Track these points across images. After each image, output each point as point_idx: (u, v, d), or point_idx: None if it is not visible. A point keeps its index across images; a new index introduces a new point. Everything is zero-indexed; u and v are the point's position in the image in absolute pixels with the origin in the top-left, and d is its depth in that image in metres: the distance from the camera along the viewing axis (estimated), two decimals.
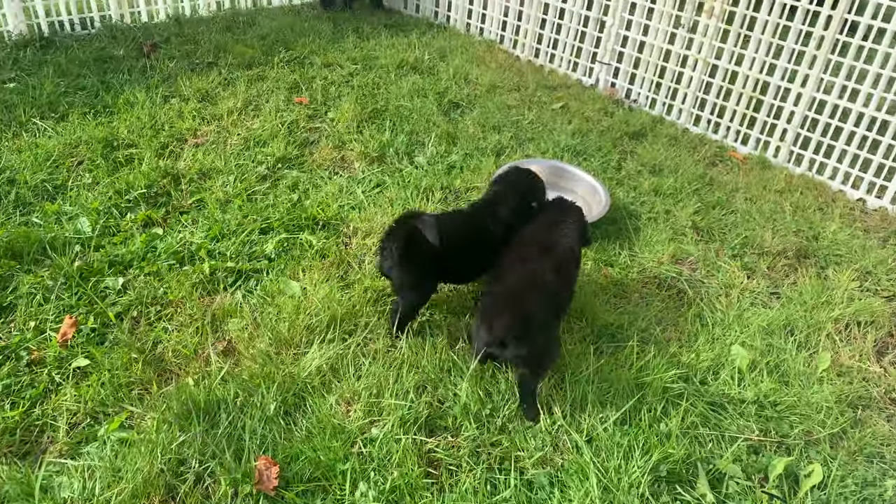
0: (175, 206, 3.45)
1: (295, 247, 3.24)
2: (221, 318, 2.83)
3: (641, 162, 4.24)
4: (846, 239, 3.69)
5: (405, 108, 4.56)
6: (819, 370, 2.85)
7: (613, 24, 5.04)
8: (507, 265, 2.63)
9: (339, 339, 2.71)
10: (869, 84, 3.99)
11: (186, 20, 5.64)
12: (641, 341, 2.84)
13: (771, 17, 4.24)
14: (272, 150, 3.92)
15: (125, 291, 2.91)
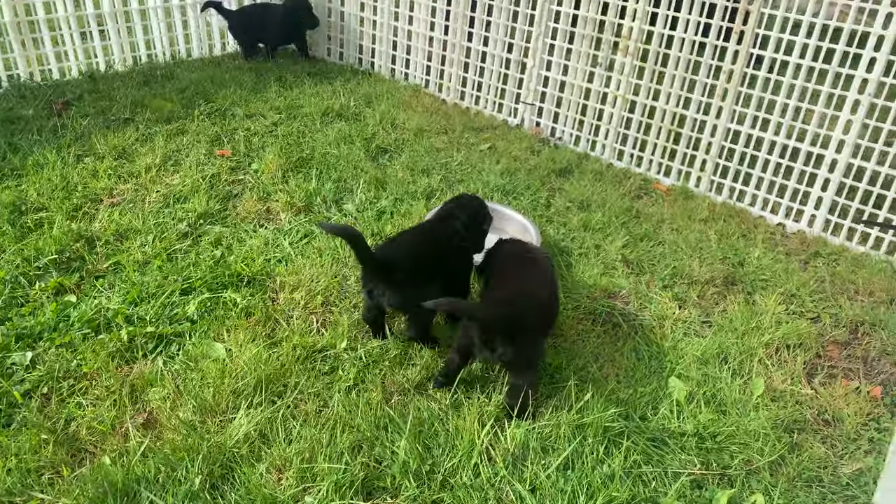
0: (90, 271, 3.27)
1: (218, 306, 3.10)
2: (141, 388, 2.66)
3: (569, 198, 4.29)
4: (770, 263, 3.80)
5: (332, 155, 4.51)
6: (754, 396, 2.88)
7: (534, 65, 5.15)
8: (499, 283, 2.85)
9: (268, 402, 2.59)
10: (778, 113, 4.17)
11: (101, 76, 5.47)
12: (580, 380, 2.82)
13: (682, 53, 4.40)
14: (193, 205, 3.79)
15: (34, 367, 2.72)
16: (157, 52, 6.01)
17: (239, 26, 6.13)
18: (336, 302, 3.19)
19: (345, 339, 2.93)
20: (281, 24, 6.13)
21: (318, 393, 2.67)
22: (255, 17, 6.16)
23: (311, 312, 3.11)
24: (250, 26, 6.15)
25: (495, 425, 2.57)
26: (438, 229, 3.05)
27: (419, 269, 2.79)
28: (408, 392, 2.72)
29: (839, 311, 3.46)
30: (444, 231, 3.03)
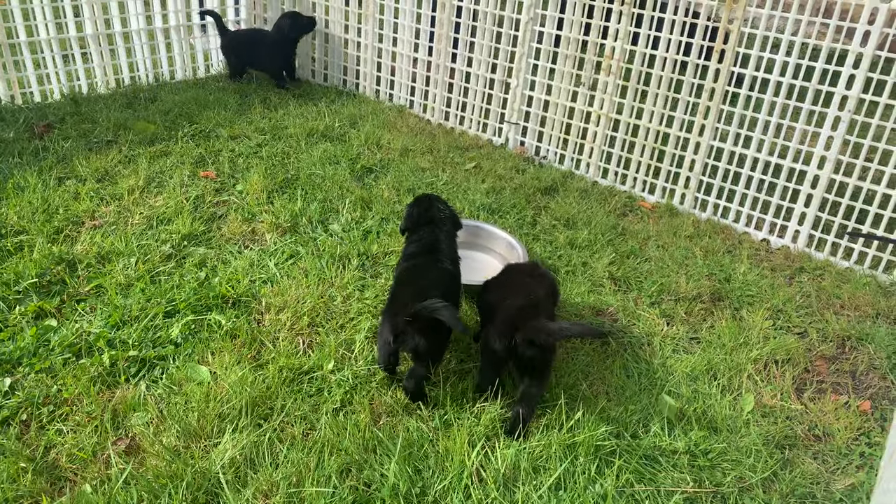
0: (71, 295, 3.21)
1: (203, 329, 3.05)
2: (123, 413, 2.60)
3: (555, 216, 4.30)
4: (756, 279, 3.81)
5: (317, 175, 4.49)
6: (744, 412, 2.87)
7: (518, 85, 5.18)
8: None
9: (254, 425, 2.54)
10: (760, 130, 4.21)
11: (83, 99, 5.43)
12: (570, 398, 2.79)
13: (665, 72, 4.45)
14: (177, 227, 3.75)
15: (13, 393, 2.65)
16: (141, 75, 5.98)
17: (229, 48, 6.11)
18: (322, 323, 3.15)
19: (332, 360, 2.89)
20: (270, 49, 6.09)
21: (305, 415, 2.63)
22: (247, 41, 6.14)
23: (298, 334, 3.07)
24: (241, 50, 6.13)
25: (486, 445, 2.54)
26: (432, 260, 2.97)
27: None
28: (396, 413, 2.68)
29: (826, 326, 3.47)
30: (438, 260, 2.97)
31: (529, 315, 2.64)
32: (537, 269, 3.10)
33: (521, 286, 2.88)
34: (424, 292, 2.66)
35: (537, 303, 2.75)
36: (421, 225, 3.09)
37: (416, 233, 3.08)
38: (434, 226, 3.07)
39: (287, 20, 5.97)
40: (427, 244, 3.00)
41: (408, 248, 3.06)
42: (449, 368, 2.94)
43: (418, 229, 3.09)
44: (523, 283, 2.91)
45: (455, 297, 2.93)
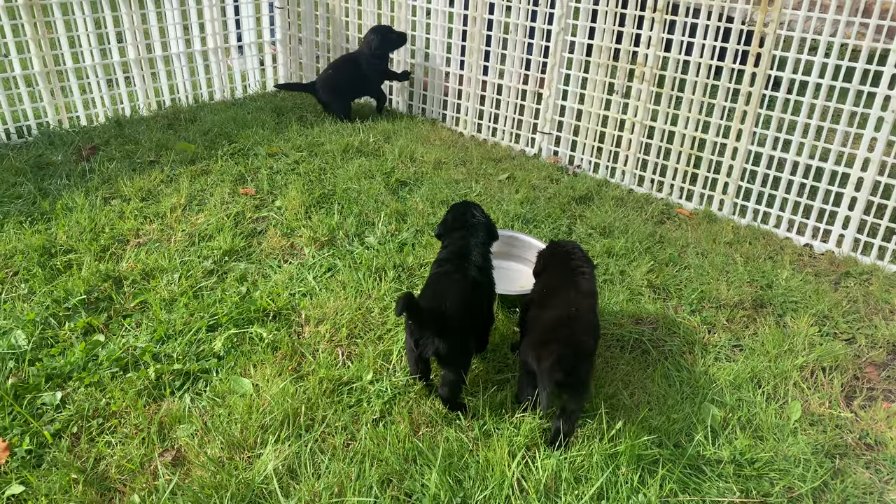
0: (117, 311, 3.30)
1: (245, 342, 3.10)
2: (169, 425, 2.66)
3: (591, 225, 4.27)
4: (799, 285, 3.73)
5: (353, 190, 4.54)
6: (791, 421, 2.80)
7: (550, 95, 5.18)
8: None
9: (295, 436, 2.57)
10: (799, 134, 4.14)
11: (127, 121, 5.60)
12: (610, 408, 2.76)
13: (699, 77, 4.41)
14: (218, 243, 3.83)
15: (64, 406, 2.73)
16: (181, 97, 6.15)
17: (325, 89, 5.88)
18: (361, 334, 3.18)
19: (370, 371, 2.91)
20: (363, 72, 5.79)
21: (346, 426, 2.65)
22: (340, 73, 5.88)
23: (337, 345, 3.10)
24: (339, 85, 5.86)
25: (526, 455, 2.52)
26: (458, 267, 2.90)
27: (464, 317, 2.72)
28: (436, 423, 2.69)
29: (875, 332, 3.38)
30: (464, 267, 2.90)
31: (563, 334, 2.56)
32: (575, 263, 2.98)
33: (559, 296, 2.82)
34: (441, 298, 2.67)
35: (573, 318, 2.64)
36: (454, 230, 3.07)
37: (449, 238, 3.06)
38: (466, 232, 3.03)
39: (374, 35, 5.69)
40: (456, 251, 2.96)
41: (439, 254, 3.04)
42: (487, 378, 2.94)
43: (451, 234, 3.06)
44: (562, 292, 2.83)
45: (479, 306, 2.89)
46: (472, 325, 2.81)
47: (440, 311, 2.62)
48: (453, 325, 2.62)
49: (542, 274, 3.06)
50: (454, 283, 2.81)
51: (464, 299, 2.72)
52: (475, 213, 3.13)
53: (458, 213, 3.13)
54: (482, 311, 2.92)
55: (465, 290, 2.79)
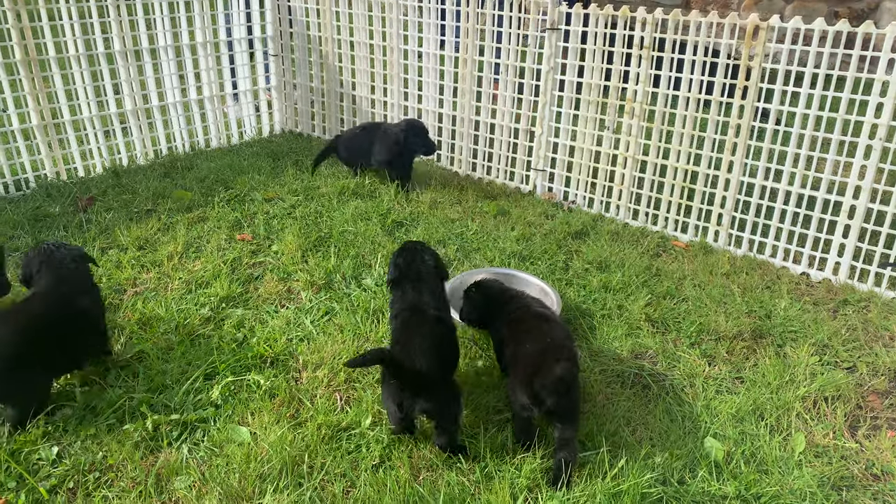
0: (114, 361, 3.28)
1: (242, 389, 3.08)
2: (167, 477, 2.62)
3: (587, 260, 4.28)
4: (798, 314, 3.72)
5: (349, 232, 4.57)
6: (796, 453, 2.77)
7: (542, 133, 5.25)
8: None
9: (294, 484, 2.54)
10: (790, 164, 4.17)
11: (124, 171, 5.65)
12: (613, 445, 2.73)
13: (688, 111, 4.47)
14: (215, 290, 3.83)
15: (60, 460, 2.70)
16: (177, 145, 6.22)
17: (345, 149, 5.67)
18: (359, 378, 3.16)
19: (369, 416, 2.89)
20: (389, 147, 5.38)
21: (345, 472, 2.62)
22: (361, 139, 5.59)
23: (335, 390, 3.08)
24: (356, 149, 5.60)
25: (528, 497, 2.49)
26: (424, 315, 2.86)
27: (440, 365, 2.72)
28: (436, 467, 2.66)
29: (876, 360, 3.36)
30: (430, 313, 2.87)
31: (547, 362, 2.63)
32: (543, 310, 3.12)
33: (534, 329, 2.89)
34: (414, 353, 2.64)
35: (553, 346, 2.75)
36: (406, 279, 2.98)
37: (402, 287, 2.97)
38: (420, 281, 2.96)
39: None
40: (414, 301, 2.90)
41: (397, 304, 2.96)
42: (487, 419, 2.91)
43: (404, 283, 2.98)
44: (536, 325, 2.92)
45: (450, 350, 2.87)
46: (451, 371, 2.82)
47: (418, 370, 2.59)
48: (435, 379, 2.62)
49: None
50: (423, 335, 2.74)
51: (438, 350, 2.71)
52: (425, 258, 3.05)
53: (408, 259, 3.06)
54: (454, 356, 2.89)
55: (435, 340, 2.75)
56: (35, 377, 2.86)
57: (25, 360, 2.80)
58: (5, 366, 2.76)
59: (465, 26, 5.38)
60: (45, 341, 2.87)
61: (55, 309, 2.99)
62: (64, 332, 2.92)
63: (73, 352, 3.02)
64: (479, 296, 3.27)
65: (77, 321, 3.02)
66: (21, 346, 2.81)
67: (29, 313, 2.94)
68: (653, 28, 4.47)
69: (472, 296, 3.28)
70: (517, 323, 3.01)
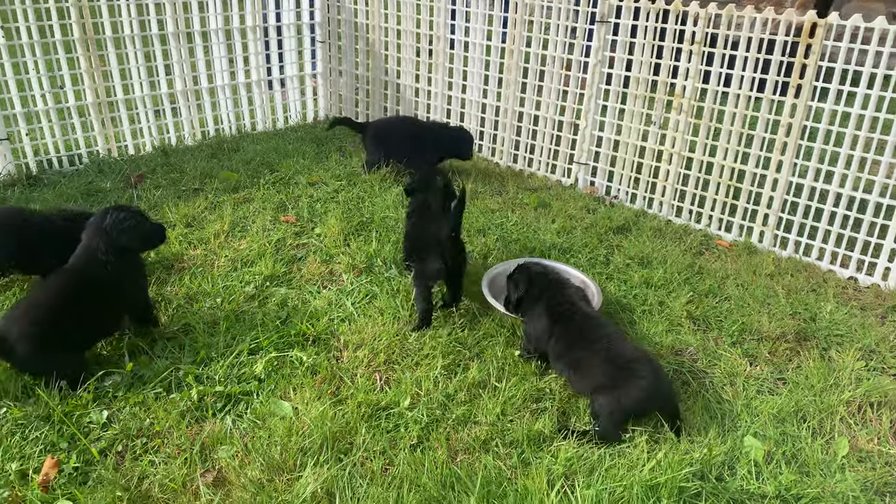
0: (162, 333, 3.37)
1: (285, 365, 3.15)
2: (211, 446, 2.69)
3: (628, 255, 4.25)
4: (844, 318, 3.65)
5: (390, 218, 4.60)
6: (838, 457, 2.73)
7: (587, 126, 5.22)
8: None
9: (334, 459, 2.58)
10: (842, 165, 4.09)
11: (172, 150, 5.78)
12: (651, 439, 2.73)
13: (738, 108, 4.40)
14: (260, 269, 3.91)
15: (110, 424, 2.79)
16: (225, 127, 6.33)
17: (375, 139, 5.49)
18: (398, 360, 3.20)
19: (408, 397, 2.93)
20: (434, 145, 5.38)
21: (384, 451, 2.66)
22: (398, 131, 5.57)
23: (375, 370, 3.13)
24: (389, 141, 5.48)
25: (564, 485, 2.50)
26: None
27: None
28: (474, 451, 2.68)
29: None
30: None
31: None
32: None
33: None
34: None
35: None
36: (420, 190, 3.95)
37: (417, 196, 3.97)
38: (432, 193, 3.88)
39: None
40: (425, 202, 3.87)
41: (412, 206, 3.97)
42: (524, 407, 2.93)
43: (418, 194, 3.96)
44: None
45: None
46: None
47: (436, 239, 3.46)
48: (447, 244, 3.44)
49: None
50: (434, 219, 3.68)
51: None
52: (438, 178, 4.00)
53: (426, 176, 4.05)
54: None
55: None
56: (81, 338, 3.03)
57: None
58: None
59: (513, 17, 5.37)
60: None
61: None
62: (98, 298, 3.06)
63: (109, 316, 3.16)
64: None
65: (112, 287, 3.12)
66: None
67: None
68: (705, 23, 4.41)
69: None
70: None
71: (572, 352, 2.96)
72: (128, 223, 3.15)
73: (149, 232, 3.29)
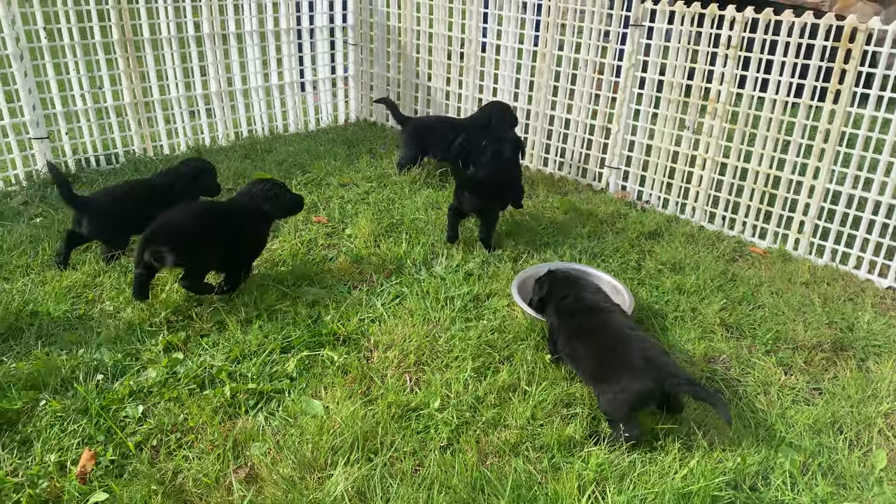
0: (196, 330, 3.42)
1: (316, 364, 3.17)
2: (243, 442, 2.72)
3: (660, 261, 4.21)
4: (882, 329, 3.58)
5: (420, 220, 4.62)
6: (876, 470, 2.67)
7: (619, 130, 5.18)
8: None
9: (365, 459, 2.60)
10: (882, 172, 4.01)
11: (206, 150, 5.86)
12: (683, 447, 2.70)
13: (774, 114, 4.34)
14: (292, 268, 3.94)
15: (145, 419, 2.84)
16: (257, 128, 6.41)
17: (414, 136, 5.49)
18: (428, 361, 3.21)
19: (438, 399, 2.93)
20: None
21: (414, 451, 2.67)
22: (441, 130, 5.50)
23: (405, 371, 3.14)
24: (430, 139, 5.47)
25: (595, 490, 2.48)
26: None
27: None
28: (504, 454, 2.68)
29: None
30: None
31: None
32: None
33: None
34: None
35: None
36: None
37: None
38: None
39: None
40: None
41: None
42: (554, 412, 2.91)
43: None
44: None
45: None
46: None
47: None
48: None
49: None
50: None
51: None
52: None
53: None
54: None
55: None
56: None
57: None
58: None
59: (546, 20, 5.36)
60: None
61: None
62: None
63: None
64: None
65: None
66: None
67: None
68: (741, 27, 4.36)
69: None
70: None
71: (571, 344, 3.05)
72: (272, 192, 3.69)
73: (289, 202, 3.81)
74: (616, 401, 2.72)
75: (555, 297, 3.25)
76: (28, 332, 3.32)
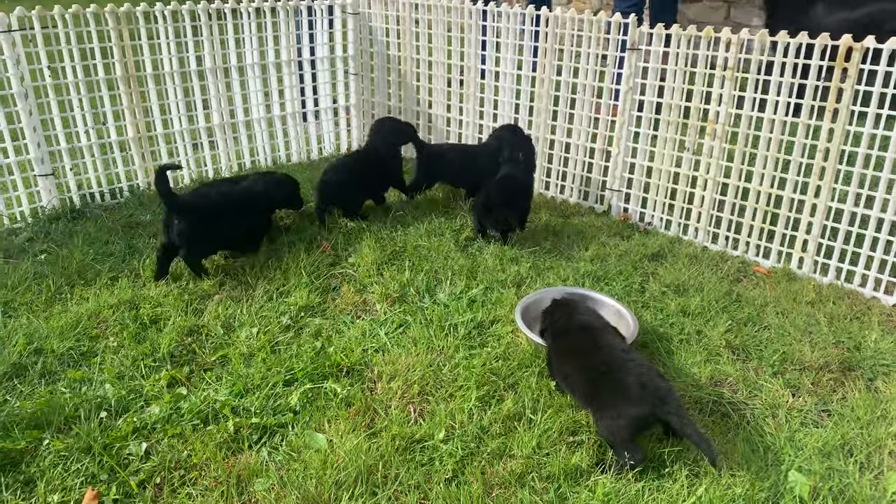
0: (199, 364, 3.42)
1: (320, 397, 3.16)
2: (247, 478, 2.71)
3: (664, 283, 4.20)
4: (890, 347, 3.54)
5: (423, 247, 4.63)
6: (888, 493, 2.63)
7: (619, 153, 5.20)
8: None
9: (369, 493, 2.58)
10: (883, 189, 4.00)
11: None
12: (691, 473, 2.66)
13: (773, 134, 4.35)
14: (294, 299, 3.95)
15: (148, 457, 2.82)
16: (260, 159, 6.46)
17: (428, 164, 5.48)
18: (432, 391, 3.19)
19: (442, 430, 2.91)
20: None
21: (418, 485, 2.64)
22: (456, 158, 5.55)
23: (409, 402, 3.12)
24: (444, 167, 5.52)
25: None
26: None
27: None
28: (510, 485, 2.65)
29: None
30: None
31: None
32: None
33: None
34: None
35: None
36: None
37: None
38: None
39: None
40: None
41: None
42: (560, 440, 2.89)
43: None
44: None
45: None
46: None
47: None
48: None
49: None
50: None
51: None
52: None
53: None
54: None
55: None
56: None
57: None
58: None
59: (543, 46, 5.40)
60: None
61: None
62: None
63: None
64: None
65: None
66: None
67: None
68: (738, 49, 4.38)
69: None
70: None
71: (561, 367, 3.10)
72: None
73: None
74: (615, 426, 2.69)
75: (551, 320, 3.29)
76: (31, 370, 3.33)
